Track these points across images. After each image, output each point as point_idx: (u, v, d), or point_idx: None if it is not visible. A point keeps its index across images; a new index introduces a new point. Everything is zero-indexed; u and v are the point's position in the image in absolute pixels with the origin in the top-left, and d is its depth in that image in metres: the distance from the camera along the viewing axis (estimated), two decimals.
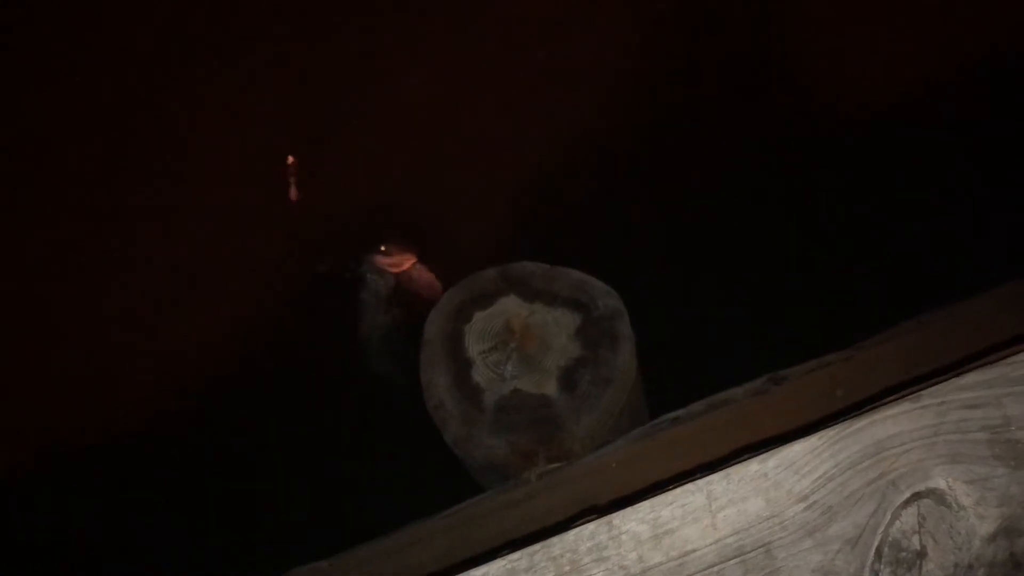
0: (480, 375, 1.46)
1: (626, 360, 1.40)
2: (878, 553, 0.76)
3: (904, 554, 0.75)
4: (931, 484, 0.77)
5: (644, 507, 0.81)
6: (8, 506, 1.77)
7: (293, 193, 2.05)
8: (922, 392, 0.81)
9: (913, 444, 0.79)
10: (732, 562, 0.77)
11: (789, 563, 0.76)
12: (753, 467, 0.81)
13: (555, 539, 0.81)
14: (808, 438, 0.80)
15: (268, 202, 1.98)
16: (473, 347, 1.47)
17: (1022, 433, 0.78)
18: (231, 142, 2.03)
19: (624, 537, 0.80)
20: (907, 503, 0.77)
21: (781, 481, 0.80)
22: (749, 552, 0.78)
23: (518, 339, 1.46)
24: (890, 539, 0.76)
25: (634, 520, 0.80)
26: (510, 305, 1.51)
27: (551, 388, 1.46)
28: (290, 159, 2.05)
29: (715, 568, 0.77)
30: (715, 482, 0.81)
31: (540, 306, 1.51)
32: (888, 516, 0.77)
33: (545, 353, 1.48)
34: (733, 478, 0.81)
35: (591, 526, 0.81)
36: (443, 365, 1.49)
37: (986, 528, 0.75)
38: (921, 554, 0.75)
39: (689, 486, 0.81)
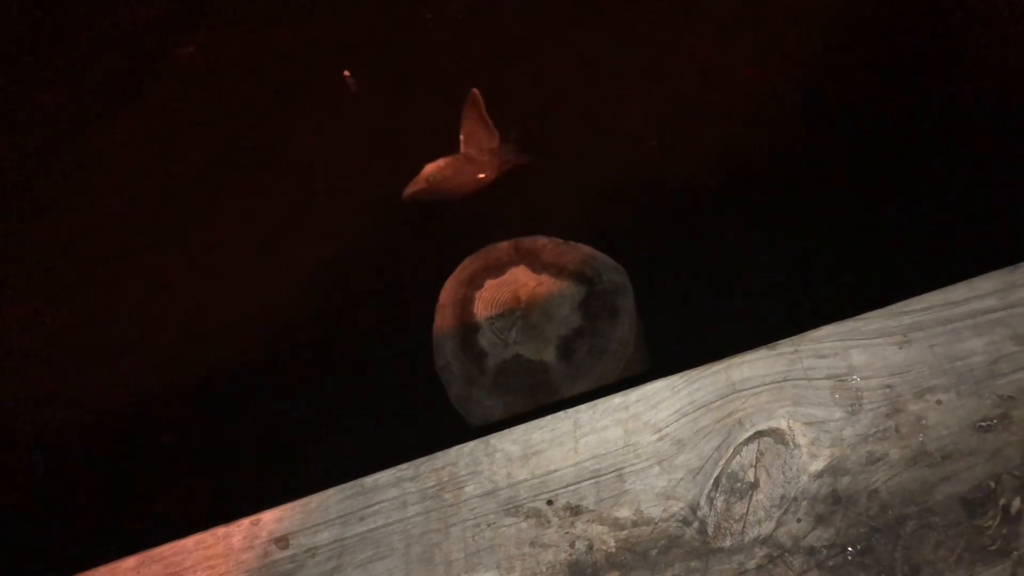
0: (485, 339, 1.64)
1: (624, 333, 1.55)
2: (716, 482, 0.88)
3: (739, 484, 0.88)
4: (773, 424, 0.89)
5: (519, 430, 0.96)
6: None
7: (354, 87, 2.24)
8: (780, 341, 0.92)
9: (764, 387, 0.91)
10: (588, 483, 0.92)
11: (637, 486, 0.90)
12: (616, 400, 0.95)
13: (439, 453, 0.98)
14: (669, 377, 0.94)
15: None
16: (481, 313, 1.65)
17: (863, 382, 0.88)
18: None
19: (498, 455, 0.96)
20: (749, 440, 0.89)
21: (640, 414, 0.94)
22: (604, 475, 0.92)
23: (524, 308, 1.63)
24: (729, 471, 0.89)
25: (508, 440, 0.96)
26: (520, 275, 1.69)
27: (550, 355, 1.62)
28: (346, 72, 2.26)
29: (572, 487, 0.92)
30: (582, 411, 0.96)
31: (548, 278, 1.68)
32: (731, 451, 0.89)
33: (547, 322, 1.65)
34: (598, 409, 0.95)
35: (470, 444, 0.97)
36: (453, 329, 1.68)
37: (815, 466, 0.87)
38: (754, 486, 0.87)
39: (560, 413, 0.96)
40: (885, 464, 0.84)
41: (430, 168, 2.09)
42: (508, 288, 1.57)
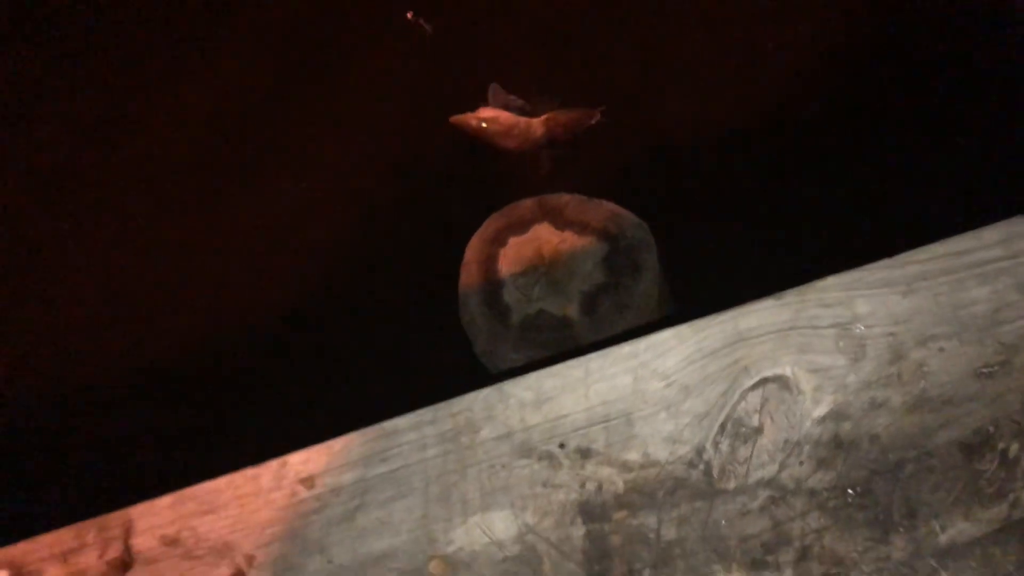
0: (510, 295, 1.69)
1: (647, 288, 1.59)
2: (721, 427, 0.93)
3: (743, 429, 0.92)
4: (778, 371, 0.93)
5: (532, 377, 1.02)
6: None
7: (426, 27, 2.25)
8: (786, 291, 0.96)
9: (769, 336, 0.95)
10: (598, 427, 0.97)
11: (645, 431, 0.95)
12: (626, 348, 0.99)
13: (456, 399, 1.04)
14: (678, 326, 0.98)
15: None
16: (506, 270, 1.70)
17: (867, 330, 0.92)
18: None
19: (512, 401, 1.01)
20: (755, 387, 0.94)
21: (648, 362, 0.98)
22: (613, 420, 0.97)
23: (547, 265, 1.68)
24: (734, 416, 0.93)
25: (522, 387, 1.02)
26: (543, 232, 1.73)
27: (573, 311, 1.67)
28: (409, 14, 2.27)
29: (583, 431, 0.97)
30: (593, 359, 1.00)
31: (571, 234, 1.72)
32: (736, 396, 0.94)
33: (571, 278, 1.69)
34: (609, 357, 1.00)
35: (486, 390, 1.03)
36: (478, 285, 1.73)
37: (819, 411, 0.91)
38: (758, 430, 0.92)
39: (571, 361, 1.01)
40: (886, 409, 0.87)
41: (488, 112, 2.09)
42: (532, 245, 1.61)
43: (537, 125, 2.04)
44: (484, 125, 2.02)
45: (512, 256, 1.62)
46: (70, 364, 2.01)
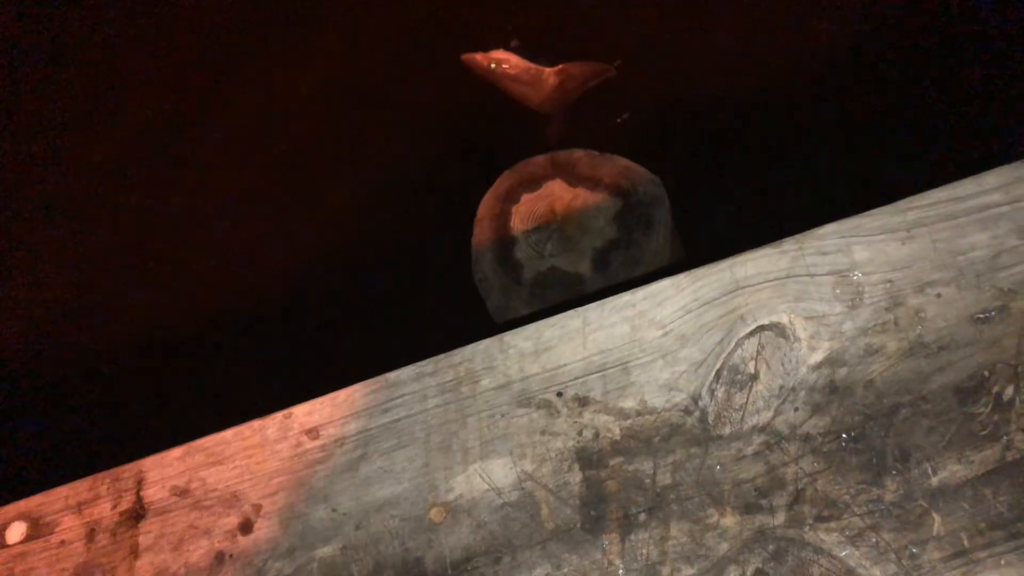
0: (522, 252, 1.71)
1: (658, 244, 1.59)
2: (717, 375, 0.94)
3: (739, 376, 0.94)
4: (775, 318, 0.94)
5: (531, 328, 1.03)
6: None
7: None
8: (784, 239, 0.97)
9: (767, 284, 0.96)
10: (595, 376, 0.99)
11: (641, 379, 0.97)
12: (624, 298, 1.01)
13: (456, 350, 1.06)
14: (675, 275, 0.99)
15: None
16: (518, 227, 1.72)
17: (864, 277, 0.92)
18: None
19: (511, 351, 1.03)
20: (751, 334, 0.95)
21: (646, 311, 1.00)
22: (610, 369, 0.99)
23: (559, 221, 1.69)
24: (730, 364, 0.94)
25: (521, 337, 1.03)
26: (556, 188, 1.74)
27: (585, 267, 1.68)
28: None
29: (580, 380, 0.99)
30: (591, 310, 1.02)
31: (583, 190, 1.72)
32: (732, 344, 0.95)
33: (583, 235, 1.70)
34: (607, 307, 1.01)
35: (486, 341, 1.05)
36: (490, 242, 1.75)
37: (815, 358, 0.92)
38: (754, 377, 0.93)
39: (570, 312, 1.02)
40: (882, 355, 0.88)
41: (501, 56, 2.07)
42: (544, 201, 1.62)
43: (549, 74, 2.02)
44: (493, 66, 2.00)
45: (525, 213, 1.63)
46: (86, 323, 2.06)
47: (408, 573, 0.91)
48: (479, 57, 2.02)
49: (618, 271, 1.53)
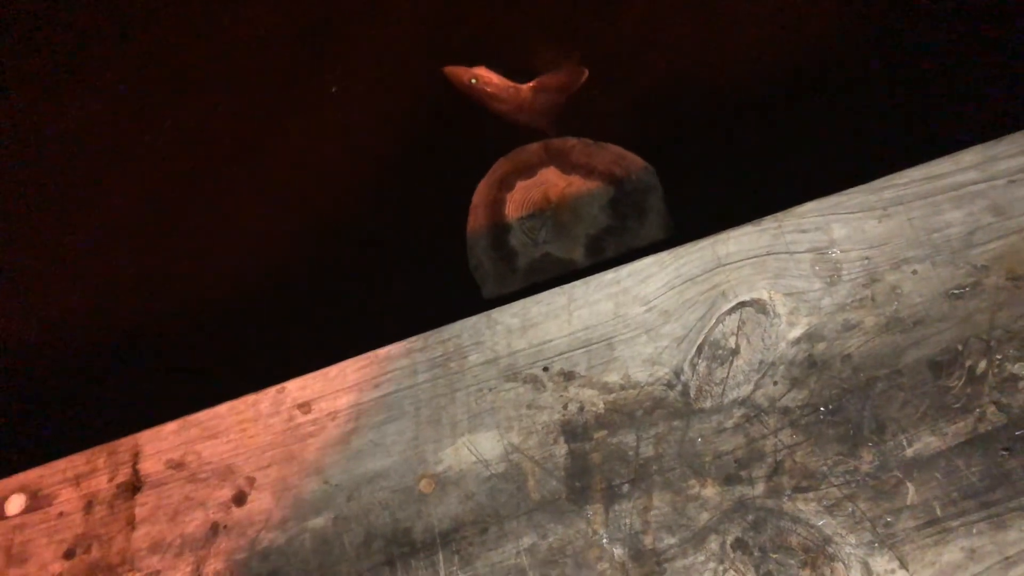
0: (516, 239, 1.74)
1: (652, 231, 1.63)
2: (699, 350, 0.98)
3: (720, 351, 0.97)
4: (755, 295, 0.98)
5: (518, 304, 1.07)
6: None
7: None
8: (765, 217, 1.01)
9: (747, 261, 1.00)
10: (580, 351, 1.03)
11: (625, 354, 1.01)
12: (609, 276, 1.05)
13: (445, 326, 1.10)
14: (659, 253, 1.03)
15: None
16: (512, 214, 1.75)
17: (843, 254, 0.96)
18: None
19: (499, 327, 1.07)
20: (732, 310, 0.98)
21: (630, 288, 1.04)
22: (595, 344, 1.02)
23: (553, 208, 1.72)
24: (711, 339, 0.98)
25: (508, 314, 1.07)
26: (550, 176, 1.77)
27: (578, 254, 1.72)
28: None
29: (566, 355, 1.03)
30: (577, 287, 1.05)
31: (577, 178, 1.76)
32: (713, 320, 0.99)
33: (577, 222, 1.74)
34: (592, 284, 1.05)
35: (474, 318, 1.09)
36: (485, 229, 1.79)
37: (794, 333, 0.95)
38: (734, 352, 0.97)
39: (556, 289, 1.06)
40: (860, 330, 0.91)
41: (483, 72, 2.11)
42: (538, 189, 1.65)
43: (527, 91, 2.05)
44: (474, 81, 2.03)
45: (519, 200, 1.66)
46: (82, 301, 2.10)
47: (397, 543, 0.95)
48: (462, 72, 2.05)
49: (609, 259, 1.55)
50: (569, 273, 1.56)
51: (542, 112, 2.03)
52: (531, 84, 2.02)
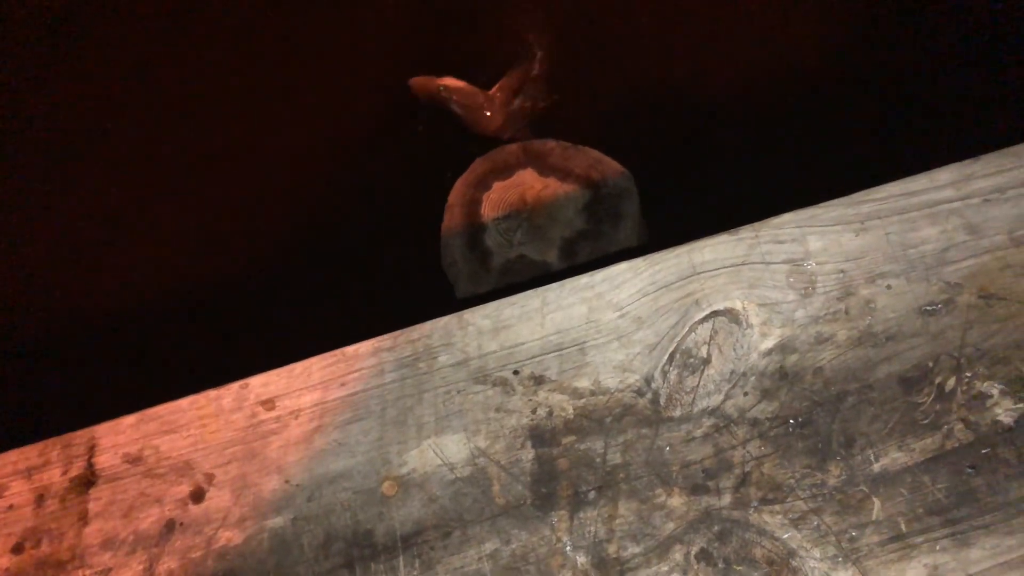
0: (491, 240, 1.73)
1: (626, 236, 1.63)
2: (671, 357, 0.98)
3: (692, 360, 0.97)
4: (729, 304, 0.98)
5: (491, 306, 1.06)
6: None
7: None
8: (742, 227, 1.01)
9: (723, 270, 0.99)
10: (552, 355, 1.02)
11: (596, 359, 1.00)
12: (583, 280, 1.04)
13: (415, 326, 1.09)
14: (634, 259, 1.03)
15: None
16: (488, 214, 1.75)
17: (818, 267, 0.96)
18: None
19: (470, 328, 1.06)
20: (705, 319, 0.98)
21: (603, 293, 1.03)
22: (566, 348, 1.02)
23: (529, 210, 1.72)
24: (683, 347, 0.98)
25: (480, 315, 1.06)
26: (527, 178, 1.77)
27: (553, 256, 1.71)
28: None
29: (537, 359, 1.02)
30: (551, 290, 1.05)
31: (554, 181, 1.76)
32: (686, 328, 0.98)
33: (552, 224, 1.73)
34: (566, 288, 1.04)
35: (445, 318, 1.08)
36: (460, 228, 1.78)
37: (766, 344, 0.95)
38: (706, 361, 0.96)
39: (529, 292, 1.05)
40: (832, 344, 0.92)
41: (450, 82, 2.11)
42: (515, 190, 1.65)
43: (493, 96, 2.04)
44: (442, 90, 2.03)
45: (495, 200, 1.65)
46: (39, 289, 2.07)
47: (358, 545, 0.94)
48: (425, 84, 2.04)
49: (586, 262, 1.56)
50: (544, 275, 1.56)
51: (513, 118, 2.02)
52: (494, 89, 2.01)
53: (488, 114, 1.98)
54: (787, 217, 0.94)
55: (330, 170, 2.09)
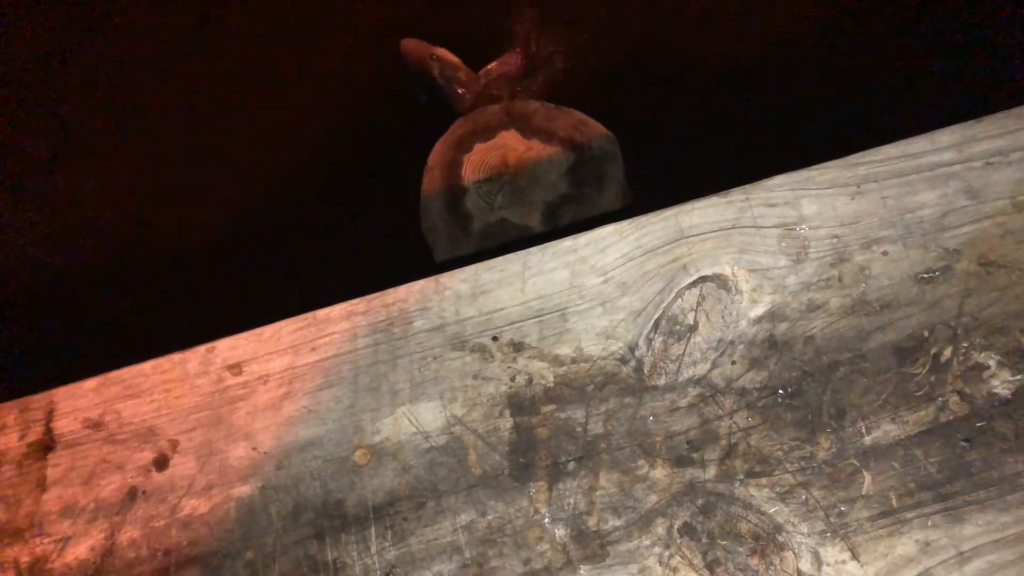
0: (472, 203, 1.69)
1: (610, 201, 1.58)
2: (656, 324, 0.93)
3: (678, 327, 0.93)
4: (717, 270, 0.93)
5: (469, 270, 1.02)
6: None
7: None
8: (733, 189, 0.96)
9: (711, 234, 0.95)
10: (532, 321, 0.97)
11: (578, 326, 0.96)
12: (566, 243, 0.99)
13: (390, 290, 1.04)
14: (619, 222, 0.98)
15: None
16: (469, 176, 1.70)
17: (811, 231, 0.92)
18: None
19: (448, 293, 1.02)
20: (692, 285, 0.94)
21: (587, 257, 0.99)
22: (547, 314, 0.97)
23: (511, 172, 1.67)
24: (669, 314, 0.94)
25: (458, 279, 1.02)
26: (509, 139, 1.72)
27: (535, 220, 1.67)
28: None
29: (517, 324, 0.98)
30: (532, 254, 1.00)
31: (537, 143, 1.70)
32: (672, 294, 0.94)
33: (535, 188, 1.69)
34: (548, 251, 1.00)
35: (421, 282, 1.03)
36: (440, 191, 1.73)
37: (756, 312, 0.91)
38: (692, 328, 0.92)
39: (510, 255, 1.01)
40: (824, 312, 0.88)
41: (442, 53, 2.05)
42: (497, 152, 1.60)
43: (481, 77, 1.99)
44: (434, 58, 1.97)
45: (477, 162, 1.61)
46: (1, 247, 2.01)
47: (328, 515, 0.90)
48: (423, 47, 1.98)
49: (568, 227, 1.51)
50: (525, 239, 1.51)
51: (484, 103, 1.98)
52: (482, 72, 1.97)
53: (461, 91, 1.92)
54: (779, 179, 0.90)
55: (309, 130, 2.03)
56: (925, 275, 0.84)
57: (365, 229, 1.94)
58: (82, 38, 2.18)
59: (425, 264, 1.55)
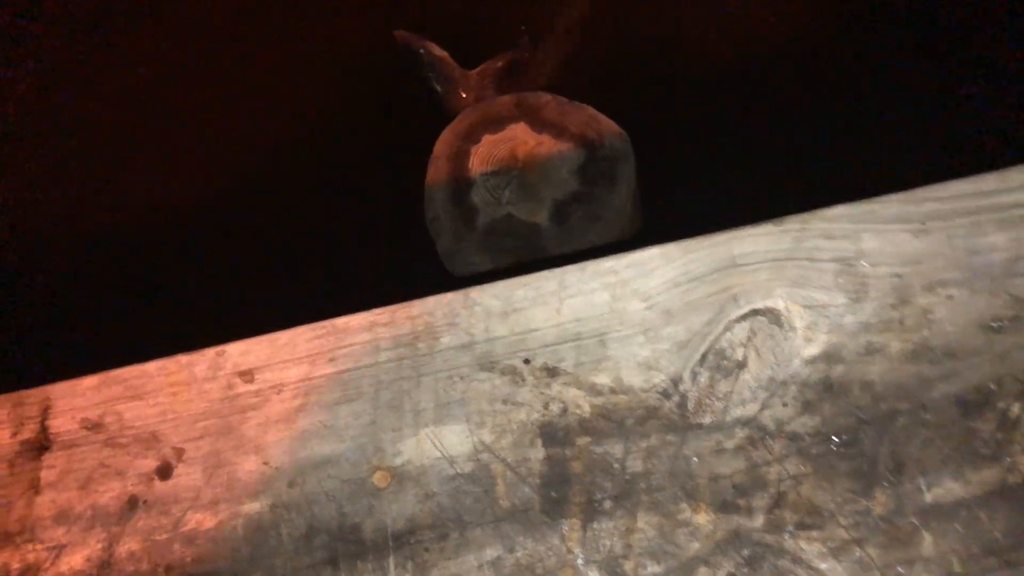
0: (478, 196, 1.51)
1: (621, 201, 1.42)
2: (702, 358, 0.78)
3: (726, 362, 0.77)
4: (770, 303, 0.78)
5: (501, 285, 0.85)
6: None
7: None
8: (788, 217, 0.80)
9: (764, 264, 0.80)
10: (568, 345, 0.81)
11: (618, 353, 0.80)
12: (607, 264, 0.83)
13: (416, 301, 0.87)
14: (665, 244, 0.82)
15: None
16: (476, 169, 1.52)
17: (871, 268, 0.77)
18: None
19: (477, 308, 0.85)
20: (743, 318, 0.78)
21: (629, 280, 0.82)
22: (585, 339, 0.81)
23: (520, 167, 1.50)
24: (717, 347, 0.78)
25: (489, 295, 0.85)
26: (519, 132, 1.55)
27: (542, 218, 1.50)
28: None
29: (551, 347, 0.82)
30: (570, 272, 0.85)
31: (548, 137, 1.53)
32: (721, 327, 0.78)
33: (544, 184, 1.52)
34: (587, 271, 0.84)
35: (449, 295, 0.86)
36: (445, 182, 1.55)
37: (810, 351, 0.76)
38: (742, 365, 0.77)
39: (545, 272, 0.85)
40: (883, 356, 0.73)
41: (433, 48, 1.87)
42: (506, 145, 1.44)
43: (472, 77, 1.82)
44: (423, 52, 1.79)
45: (484, 155, 1.45)
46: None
47: (344, 540, 0.75)
48: (415, 39, 1.80)
49: (576, 226, 1.37)
50: (532, 240, 1.36)
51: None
52: (476, 71, 1.79)
53: (462, 93, 1.74)
54: (839, 210, 0.75)
55: (313, 117, 1.84)
56: (993, 323, 0.70)
57: (367, 219, 1.76)
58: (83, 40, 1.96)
59: (426, 261, 1.38)
